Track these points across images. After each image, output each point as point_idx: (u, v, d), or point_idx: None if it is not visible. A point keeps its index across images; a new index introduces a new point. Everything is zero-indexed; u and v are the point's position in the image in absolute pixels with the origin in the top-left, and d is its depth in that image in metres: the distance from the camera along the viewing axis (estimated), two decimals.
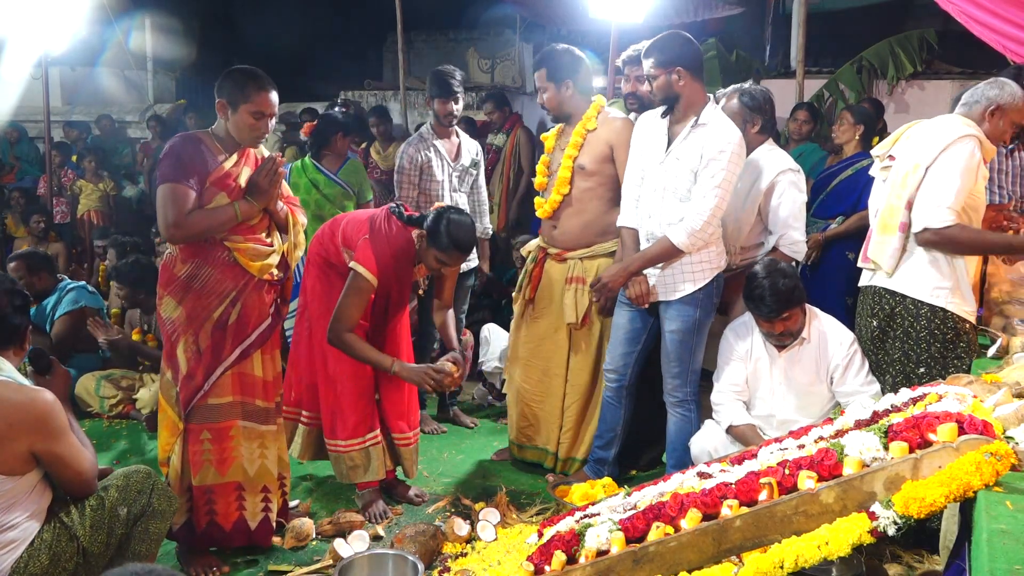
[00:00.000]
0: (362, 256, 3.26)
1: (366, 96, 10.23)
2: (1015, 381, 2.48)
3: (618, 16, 5.36)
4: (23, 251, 5.16)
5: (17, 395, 2.20)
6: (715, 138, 3.19)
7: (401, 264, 3.34)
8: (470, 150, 4.49)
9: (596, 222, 3.70)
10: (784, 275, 3.16)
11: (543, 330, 3.85)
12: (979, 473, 2.00)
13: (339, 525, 3.29)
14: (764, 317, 3.21)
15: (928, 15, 7.77)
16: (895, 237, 3.05)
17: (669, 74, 3.21)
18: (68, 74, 10.61)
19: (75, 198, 8.13)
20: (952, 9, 3.97)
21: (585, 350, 3.78)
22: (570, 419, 3.84)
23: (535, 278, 3.86)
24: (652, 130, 3.40)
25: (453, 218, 3.26)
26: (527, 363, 3.92)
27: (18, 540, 2.24)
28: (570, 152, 3.69)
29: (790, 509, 2.22)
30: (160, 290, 3.03)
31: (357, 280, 3.25)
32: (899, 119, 5.89)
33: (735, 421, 3.29)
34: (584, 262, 3.72)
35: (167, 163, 2.89)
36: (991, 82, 3.09)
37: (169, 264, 3.01)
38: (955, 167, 2.91)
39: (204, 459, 3.01)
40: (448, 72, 4.29)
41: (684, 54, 3.23)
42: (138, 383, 4.76)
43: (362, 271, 3.24)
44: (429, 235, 3.27)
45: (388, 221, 3.34)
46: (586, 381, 3.80)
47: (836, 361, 3.23)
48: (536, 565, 2.55)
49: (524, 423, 3.96)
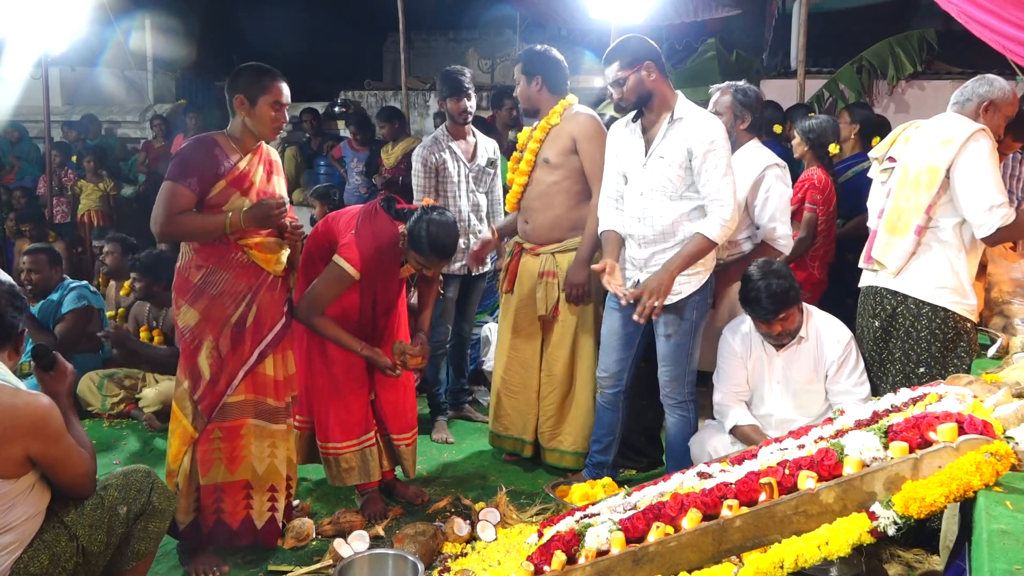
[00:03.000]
0: (346, 252, 3.22)
1: (366, 96, 10.24)
2: (1015, 381, 2.49)
3: (618, 16, 5.37)
4: (41, 245, 5.24)
5: (13, 399, 2.18)
6: (701, 130, 3.17)
7: (386, 260, 3.30)
8: (487, 149, 4.43)
9: (565, 216, 3.77)
10: (778, 276, 3.16)
11: (520, 322, 3.93)
12: (979, 473, 2.00)
13: (339, 525, 3.29)
14: (761, 319, 3.21)
15: (928, 15, 7.78)
16: (907, 240, 3.04)
17: (638, 71, 3.19)
18: (68, 74, 10.61)
19: (75, 198, 8.14)
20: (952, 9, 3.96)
21: (559, 341, 3.85)
22: (549, 408, 3.91)
23: (511, 272, 3.94)
24: (626, 136, 3.39)
25: (434, 219, 3.18)
26: (506, 354, 4.00)
27: (17, 541, 2.23)
28: (532, 146, 3.79)
29: (790, 509, 2.22)
30: (177, 298, 3.02)
31: (336, 270, 3.22)
32: (899, 119, 5.86)
33: (740, 422, 3.29)
34: (556, 256, 3.80)
35: (174, 163, 2.92)
36: (979, 79, 3.11)
37: (184, 271, 3.01)
38: (982, 163, 2.91)
39: (214, 457, 3.02)
40: (457, 71, 4.29)
41: (648, 50, 3.23)
42: (140, 382, 4.76)
43: (344, 265, 3.21)
44: (410, 236, 3.21)
45: (375, 215, 3.29)
46: (562, 372, 3.86)
47: (831, 358, 3.24)
48: (536, 565, 2.55)
49: (501, 412, 4.04)
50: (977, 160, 2.92)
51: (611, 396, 3.58)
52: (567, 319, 3.82)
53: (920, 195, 3.01)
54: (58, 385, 2.44)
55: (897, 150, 3.17)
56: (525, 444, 4.00)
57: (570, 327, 3.82)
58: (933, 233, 3.03)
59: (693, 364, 3.42)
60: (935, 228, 3.02)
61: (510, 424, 4.02)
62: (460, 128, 4.31)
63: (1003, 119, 3.09)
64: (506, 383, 4.01)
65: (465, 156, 4.32)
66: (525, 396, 3.96)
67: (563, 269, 3.76)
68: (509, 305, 3.98)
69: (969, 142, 2.93)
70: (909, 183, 3.06)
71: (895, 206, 3.10)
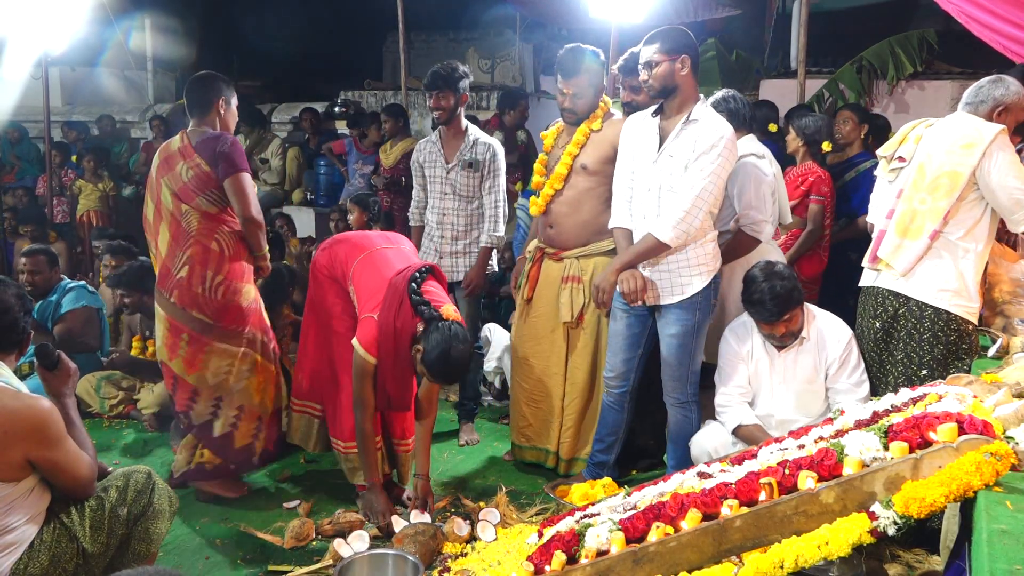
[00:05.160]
0: (364, 335, 3.24)
1: (366, 96, 10.23)
2: (1015, 381, 2.48)
3: (618, 16, 5.36)
4: (39, 246, 5.18)
5: (14, 402, 2.18)
6: (707, 133, 3.17)
7: (401, 351, 3.25)
8: (475, 150, 4.12)
9: (593, 222, 3.69)
10: (781, 277, 3.16)
11: (541, 329, 3.85)
12: (979, 473, 2.00)
13: (339, 525, 3.29)
14: (765, 320, 3.20)
15: (928, 15, 7.78)
16: (920, 243, 3.01)
17: (673, 62, 3.17)
18: (68, 74, 10.60)
19: (75, 198, 8.14)
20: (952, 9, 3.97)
21: (582, 349, 3.79)
22: (570, 417, 3.85)
23: (532, 278, 3.85)
24: (643, 130, 3.36)
25: (453, 351, 3.10)
26: (526, 362, 3.93)
27: (17, 542, 2.22)
28: (571, 150, 3.68)
29: (790, 509, 2.22)
30: (239, 285, 3.49)
31: (357, 359, 3.27)
32: (899, 119, 5.87)
33: (743, 421, 3.28)
34: (580, 261, 3.72)
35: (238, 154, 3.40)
36: (994, 81, 3.08)
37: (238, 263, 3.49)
38: (1008, 165, 2.90)
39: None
40: (440, 67, 4.07)
41: (690, 45, 3.21)
42: (139, 383, 4.76)
43: (361, 351, 3.24)
44: (425, 354, 3.15)
45: (401, 305, 3.22)
46: (584, 379, 3.80)
47: (832, 357, 3.24)
48: (536, 565, 2.55)
49: (523, 423, 3.97)
50: (1004, 162, 2.90)
51: (617, 396, 3.57)
52: (591, 325, 3.75)
53: (939, 200, 2.97)
54: (62, 385, 2.45)
55: (907, 149, 3.12)
56: (549, 454, 3.92)
57: (592, 333, 3.75)
58: (943, 237, 3.01)
59: (696, 364, 3.41)
60: (945, 232, 3.00)
61: (533, 435, 3.94)
62: (446, 127, 4.16)
63: (1014, 122, 3.07)
64: (528, 393, 3.92)
65: (444, 156, 4.17)
66: (549, 404, 3.88)
67: (588, 274, 3.68)
68: (528, 312, 3.89)
69: (993, 145, 2.91)
70: (925, 186, 3.01)
71: (908, 208, 3.06)
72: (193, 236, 3.42)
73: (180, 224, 3.43)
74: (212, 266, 3.42)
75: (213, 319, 3.46)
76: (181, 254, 3.43)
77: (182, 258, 3.42)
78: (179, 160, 3.43)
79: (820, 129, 4.35)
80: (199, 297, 3.43)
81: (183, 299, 3.43)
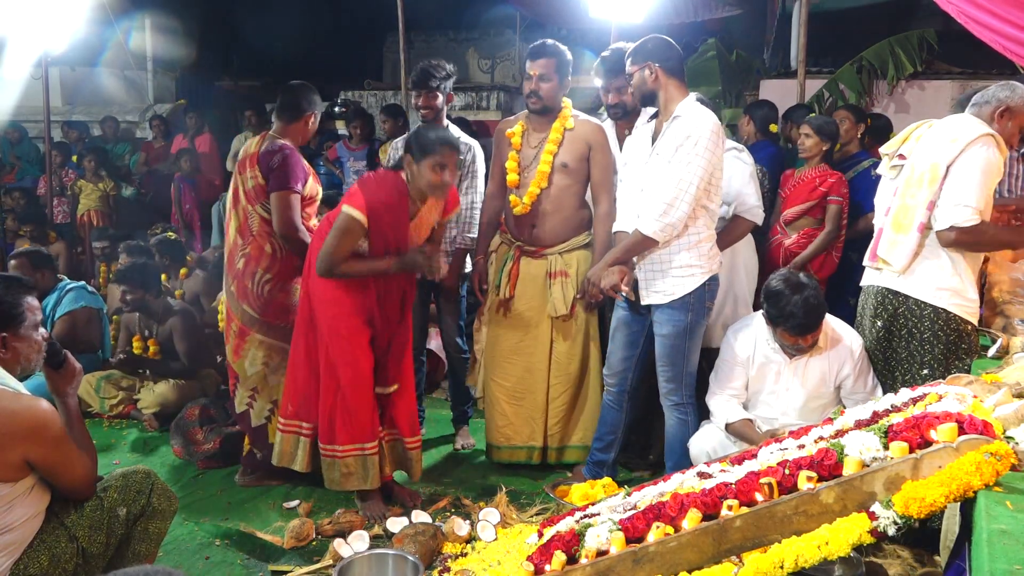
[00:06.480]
0: (351, 199, 3.28)
1: (366, 96, 10.24)
2: (1015, 381, 2.48)
3: (618, 16, 5.37)
4: (26, 249, 5.14)
5: (13, 403, 2.18)
6: (685, 125, 3.17)
7: (393, 208, 3.29)
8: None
9: (573, 217, 3.82)
10: (809, 288, 3.08)
11: (523, 326, 3.88)
12: (979, 473, 2.00)
13: (339, 525, 3.29)
14: (797, 334, 3.12)
15: (928, 15, 7.78)
16: (911, 237, 3.04)
17: (642, 70, 3.26)
18: (68, 74, 10.61)
19: (75, 198, 8.13)
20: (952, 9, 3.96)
21: (570, 339, 3.85)
22: (558, 409, 3.88)
23: (513, 276, 3.87)
24: (641, 134, 3.46)
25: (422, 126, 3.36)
26: (506, 360, 3.92)
27: (16, 542, 2.22)
28: (550, 148, 3.75)
29: (790, 509, 2.22)
30: (288, 284, 3.62)
31: (345, 220, 3.25)
32: (899, 119, 5.88)
33: (731, 418, 3.28)
34: (564, 256, 3.81)
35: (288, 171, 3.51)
36: (1003, 84, 3.09)
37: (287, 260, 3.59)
38: (977, 166, 2.91)
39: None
40: (427, 65, 4.03)
41: (656, 50, 3.26)
42: (139, 383, 4.76)
43: (350, 211, 3.24)
44: (415, 150, 3.26)
45: (376, 171, 3.46)
46: (575, 370, 3.85)
47: (847, 370, 3.20)
48: (536, 565, 2.55)
49: (503, 422, 3.94)
50: (975, 161, 2.92)
51: (615, 395, 3.59)
52: (580, 315, 3.84)
53: (922, 191, 3.01)
54: (66, 384, 2.45)
55: (908, 148, 3.16)
56: (534, 451, 3.93)
57: (582, 323, 3.84)
58: (934, 233, 3.02)
59: (691, 366, 3.40)
60: (934, 226, 3.01)
61: (514, 433, 3.93)
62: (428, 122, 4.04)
63: (1017, 128, 3.06)
64: (509, 391, 3.92)
65: None
66: (533, 400, 3.89)
67: (573, 267, 3.79)
68: (509, 311, 3.89)
69: (975, 143, 2.92)
70: (914, 180, 3.06)
71: (901, 204, 3.10)
72: (254, 235, 3.62)
73: (246, 221, 3.64)
74: (263, 264, 3.61)
75: (258, 313, 3.64)
76: (243, 246, 3.64)
77: (243, 250, 3.63)
78: (247, 167, 3.61)
79: (835, 132, 4.43)
80: (248, 291, 3.62)
81: (239, 290, 3.65)
